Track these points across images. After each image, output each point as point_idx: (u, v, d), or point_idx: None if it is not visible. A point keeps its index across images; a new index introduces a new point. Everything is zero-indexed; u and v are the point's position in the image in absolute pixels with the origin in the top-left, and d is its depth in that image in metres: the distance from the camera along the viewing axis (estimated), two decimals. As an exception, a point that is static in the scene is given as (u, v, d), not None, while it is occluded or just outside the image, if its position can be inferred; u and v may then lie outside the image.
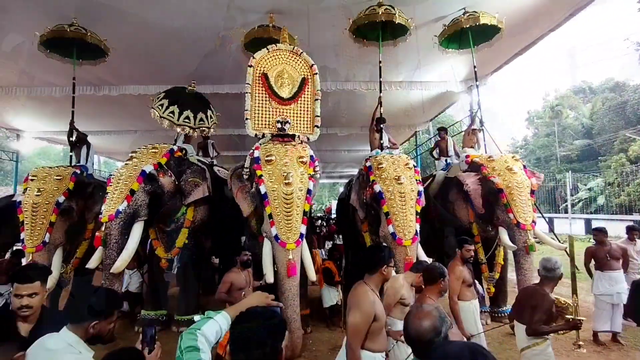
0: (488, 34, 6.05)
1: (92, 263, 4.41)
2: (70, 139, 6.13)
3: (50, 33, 5.53)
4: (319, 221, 16.83)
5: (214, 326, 1.52)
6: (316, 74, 4.90)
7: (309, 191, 4.30)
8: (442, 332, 1.56)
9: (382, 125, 5.81)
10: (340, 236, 9.61)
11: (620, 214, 19.73)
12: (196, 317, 1.57)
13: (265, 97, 4.74)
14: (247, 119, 4.64)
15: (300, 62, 4.91)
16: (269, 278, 4.14)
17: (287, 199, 4.13)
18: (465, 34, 6.08)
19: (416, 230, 4.37)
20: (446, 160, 7.04)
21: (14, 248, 6.27)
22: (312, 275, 4.37)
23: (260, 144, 4.54)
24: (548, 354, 3.06)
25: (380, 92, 5.96)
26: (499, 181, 4.86)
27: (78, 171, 5.35)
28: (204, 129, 5.68)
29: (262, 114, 4.73)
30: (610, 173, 21.99)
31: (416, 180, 4.62)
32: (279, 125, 4.66)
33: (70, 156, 6.14)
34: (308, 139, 4.84)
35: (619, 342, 4.89)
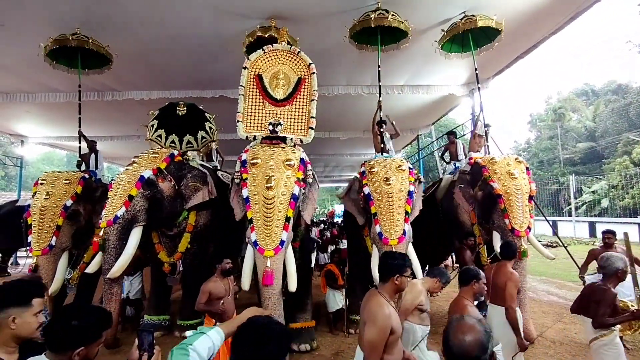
0: (490, 36, 6.07)
1: (91, 268, 4.42)
2: (79, 145, 6.19)
3: (54, 43, 5.60)
4: (321, 225, 16.82)
5: (207, 342, 1.44)
6: (314, 73, 4.73)
7: (294, 196, 4.07)
8: (489, 348, 1.44)
9: (382, 129, 5.83)
10: (344, 240, 9.62)
11: (625, 217, 19.63)
12: (188, 333, 1.49)
13: (259, 98, 4.63)
14: (238, 121, 4.54)
15: (298, 61, 4.79)
16: (244, 285, 4.01)
17: (267, 204, 3.94)
18: (466, 38, 6.10)
19: (404, 230, 4.28)
20: (455, 164, 7.07)
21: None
22: (293, 285, 4.09)
23: (250, 147, 4.40)
24: (616, 344, 3.16)
25: (380, 96, 5.93)
26: (498, 186, 4.83)
27: (87, 176, 5.39)
28: (192, 150, 5.74)
29: (254, 116, 4.61)
30: (614, 176, 21.91)
31: (410, 181, 4.53)
32: (270, 127, 4.51)
33: (79, 162, 6.18)
34: (301, 141, 4.65)
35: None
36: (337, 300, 5.71)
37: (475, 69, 6.25)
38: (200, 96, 8.29)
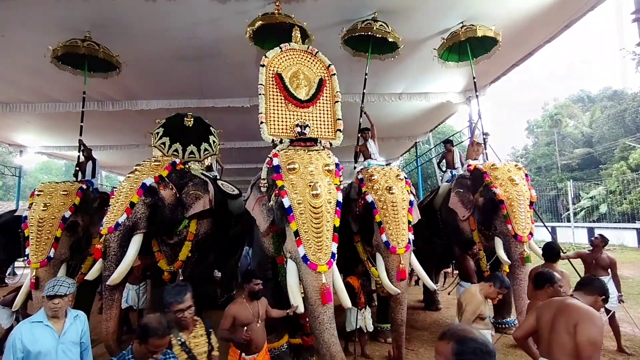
0: (486, 46, 6.15)
1: (91, 275, 4.39)
2: (79, 154, 6.19)
3: (64, 48, 5.59)
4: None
5: None
6: (334, 74, 4.56)
7: (339, 204, 3.73)
8: None
9: (366, 135, 6.01)
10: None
11: (623, 222, 19.65)
12: None
13: (281, 99, 4.34)
14: (262, 122, 4.19)
15: (316, 62, 4.61)
16: (300, 308, 3.58)
17: (315, 213, 3.55)
18: (464, 47, 6.18)
19: (409, 239, 4.30)
20: (451, 172, 7.11)
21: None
22: (347, 301, 3.73)
23: (279, 151, 4.01)
24: None
25: (362, 102, 6.19)
26: (500, 192, 4.86)
27: (84, 186, 5.36)
28: (194, 161, 5.70)
29: (278, 117, 4.30)
30: (612, 181, 21.97)
31: (407, 191, 4.56)
32: (298, 129, 4.23)
33: (76, 171, 6.17)
34: (330, 144, 4.42)
35: (625, 352, 4.85)
36: (353, 318, 4.88)
37: (474, 77, 6.33)
38: (199, 106, 8.33)
